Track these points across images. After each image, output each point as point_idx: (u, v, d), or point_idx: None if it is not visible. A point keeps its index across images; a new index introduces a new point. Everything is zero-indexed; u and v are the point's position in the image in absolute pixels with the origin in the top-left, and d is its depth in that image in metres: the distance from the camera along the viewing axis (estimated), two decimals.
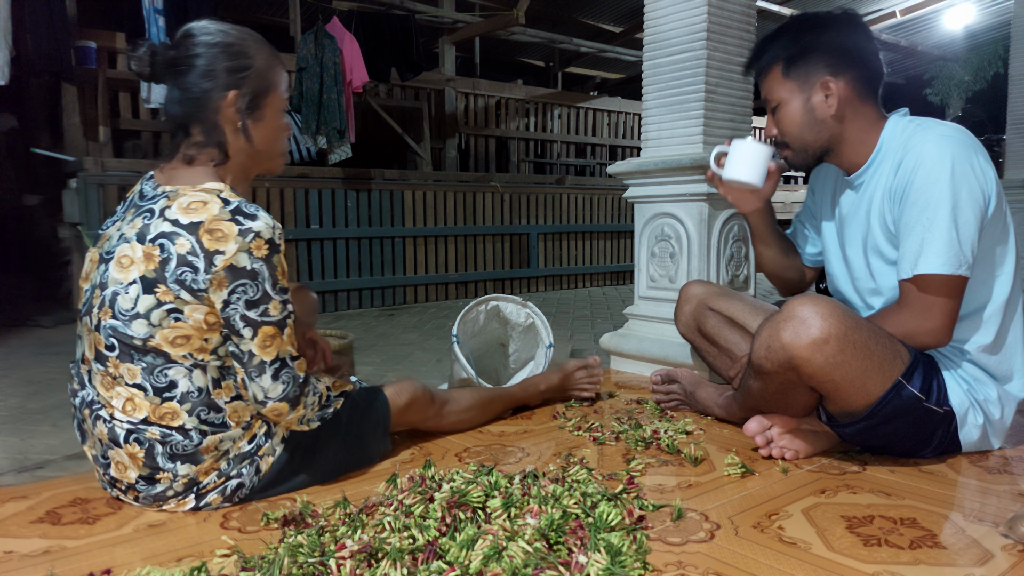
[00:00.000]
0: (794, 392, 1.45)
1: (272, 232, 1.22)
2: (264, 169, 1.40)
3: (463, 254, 5.32)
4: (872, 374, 1.34)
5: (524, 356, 2.30)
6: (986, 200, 1.37)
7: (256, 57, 1.30)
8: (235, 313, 1.20)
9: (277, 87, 1.35)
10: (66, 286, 4.48)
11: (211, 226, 1.18)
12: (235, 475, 1.27)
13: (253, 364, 1.23)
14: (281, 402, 1.26)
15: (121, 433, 1.21)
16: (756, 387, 1.50)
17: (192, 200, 1.21)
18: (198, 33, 1.27)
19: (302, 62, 4.42)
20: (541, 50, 8.70)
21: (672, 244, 2.35)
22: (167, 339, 1.19)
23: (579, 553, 1.00)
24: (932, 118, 1.49)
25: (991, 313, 1.44)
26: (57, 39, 4.22)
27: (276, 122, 1.36)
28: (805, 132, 1.52)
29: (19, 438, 1.84)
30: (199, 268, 1.17)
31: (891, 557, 1.06)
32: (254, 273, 1.20)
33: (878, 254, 1.51)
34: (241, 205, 1.22)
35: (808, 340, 1.31)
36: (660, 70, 2.36)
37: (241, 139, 1.31)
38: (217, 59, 1.26)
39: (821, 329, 1.31)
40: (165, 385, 1.20)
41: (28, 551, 1.13)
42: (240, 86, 1.28)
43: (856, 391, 1.35)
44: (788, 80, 1.52)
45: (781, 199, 8.23)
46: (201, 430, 1.22)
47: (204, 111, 1.27)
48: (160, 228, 1.20)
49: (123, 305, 1.19)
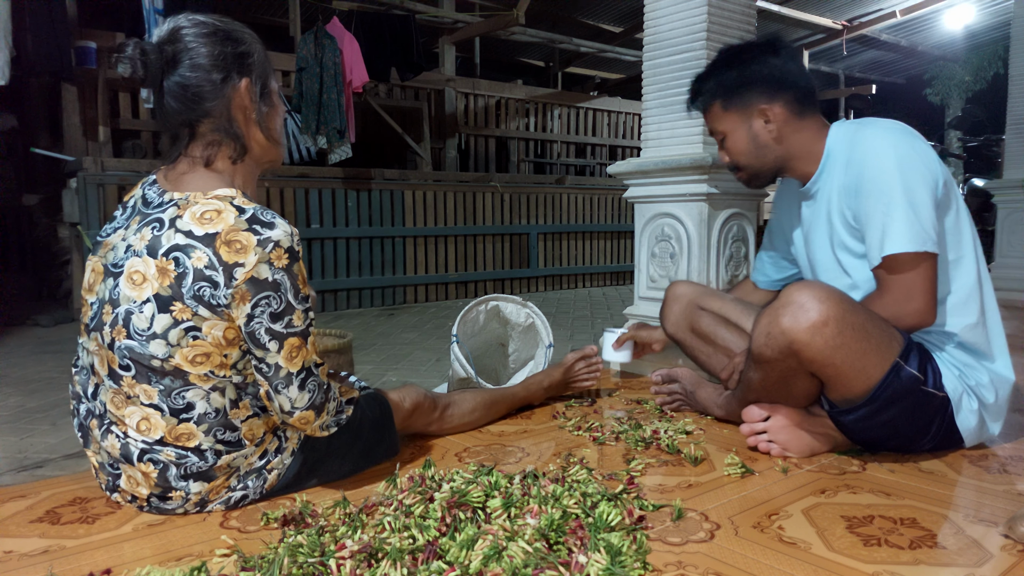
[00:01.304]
0: (795, 380, 1.45)
1: (291, 240, 1.17)
2: (270, 161, 1.34)
3: (463, 254, 5.32)
4: (871, 355, 1.36)
5: (524, 356, 2.30)
6: (935, 179, 1.42)
7: (252, 43, 1.26)
8: (260, 327, 1.15)
9: (273, 71, 1.31)
10: (65, 286, 4.49)
11: (228, 237, 1.13)
12: (241, 488, 1.26)
13: (280, 377, 1.18)
14: (308, 410, 1.22)
15: (135, 452, 1.18)
16: (757, 378, 1.51)
17: (205, 209, 1.15)
18: (189, 25, 1.20)
19: (302, 62, 4.42)
20: (541, 50, 8.69)
21: (672, 244, 2.35)
22: (187, 358, 1.15)
23: (579, 553, 1.00)
24: (871, 117, 1.57)
25: (969, 292, 1.48)
26: (57, 39, 4.22)
27: (280, 107, 1.33)
28: (752, 157, 1.64)
29: (18, 437, 1.84)
30: (219, 283, 1.12)
31: (891, 557, 1.06)
32: (276, 284, 1.15)
33: (845, 249, 1.55)
34: (257, 213, 1.16)
35: (807, 323, 1.33)
36: (660, 70, 2.36)
37: (257, 131, 1.26)
38: (221, 47, 1.20)
39: (820, 312, 1.33)
40: (183, 407, 1.17)
41: (27, 551, 1.12)
42: (251, 73, 1.23)
43: (856, 374, 1.37)
44: (728, 113, 1.63)
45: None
46: (216, 450, 1.20)
47: (215, 104, 1.21)
48: (174, 240, 1.14)
49: (139, 325, 1.14)
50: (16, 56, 3.85)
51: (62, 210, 4.22)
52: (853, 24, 8.48)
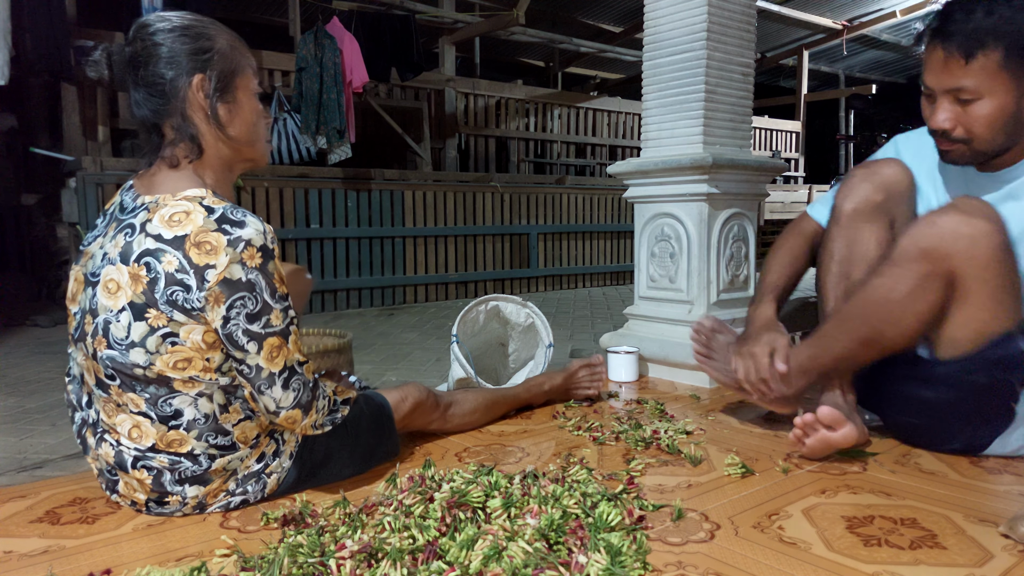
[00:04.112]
0: (921, 297, 1.33)
1: (263, 238, 1.14)
2: (248, 160, 1.30)
3: (463, 254, 5.32)
4: (1005, 299, 1.31)
5: (524, 356, 2.30)
6: None
7: (217, 38, 1.21)
8: (236, 329, 1.13)
9: (246, 68, 1.25)
10: (64, 286, 4.48)
11: (198, 239, 1.10)
12: (240, 492, 1.26)
13: (262, 378, 1.17)
14: (294, 409, 1.21)
15: (129, 459, 1.18)
16: (881, 285, 1.36)
17: (174, 211, 1.13)
18: (154, 22, 1.18)
19: (302, 62, 4.42)
20: (541, 50, 8.70)
21: (672, 244, 2.35)
22: (168, 364, 1.13)
23: (579, 553, 1.00)
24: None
25: None
26: (56, 39, 4.21)
27: (251, 104, 1.26)
28: (999, 133, 1.34)
29: (17, 438, 1.84)
30: (191, 286, 1.10)
31: (891, 557, 1.06)
32: (250, 284, 1.13)
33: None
34: (227, 212, 1.13)
35: (973, 229, 1.28)
36: (660, 70, 2.36)
37: (213, 128, 1.21)
38: (177, 43, 1.17)
39: (990, 219, 1.28)
40: (171, 414, 1.16)
41: (27, 551, 1.12)
42: (205, 69, 1.19)
43: (984, 311, 1.32)
44: (1003, 73, 1.29)
45: (780, 199, 8.22)
46: (210, 454, 1.19)
47: (172, 103, 1.18)
48: (144, 245, 1.12)
49: (117, 334, 1.13)
50: (15, 55, 3.85)
51: (61, 210, 4.22)
52: (853, 24, 8.49)
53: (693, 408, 1.96)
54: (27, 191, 5.13)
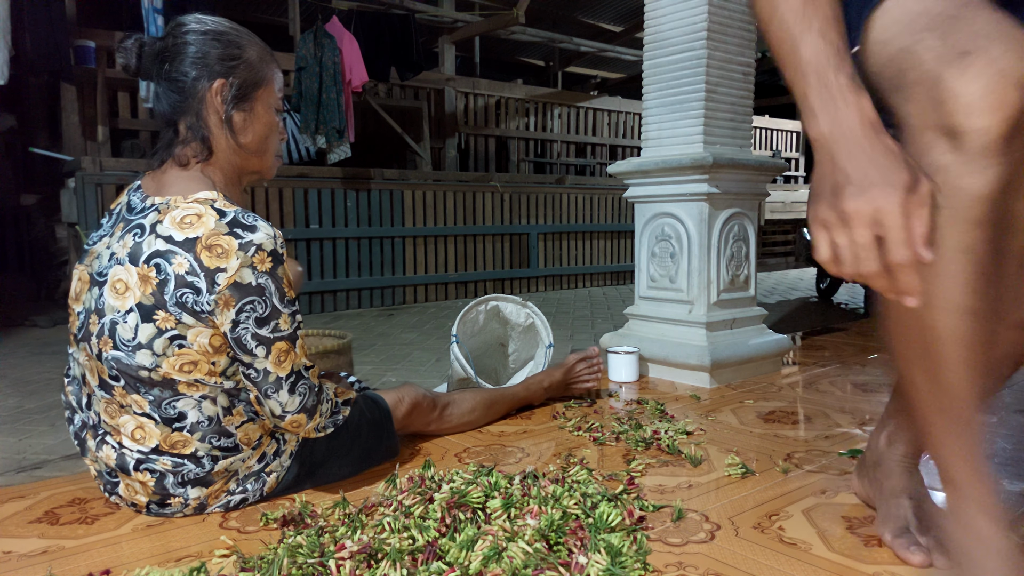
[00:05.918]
0: None
1: (274, 242, 1.15)
2: (255, 171, 1.32)
3: (463, 254, 5.32)
4: None
5: (524, 356, 2.30)
6: None
7: (248, 48, 1.24)
8: (245, 333, 1.13)
9: (270, 82, 1.28)
10: (63, 286, 4.48)
11: (209, 242, 1.11)
12: (240, 492, 1.26)
13: (269, 382, 1.17)
14: (299, 414, 1.21)
15: (131, 461, 1.18)
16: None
17: (186, 213, 1.14)
18: (190, 22, 1.22)
19: (301, 61, 4.41)
20: (541, 50, 8.70)
21: (672, 244, 2.35)
22: (174, 367, 1.13)
23: (579, 554, 1.00)
24: None
25: None
26: (56, 38, 4.22)
27: (267, 117, 1.28)
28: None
29: (17, 438, 1.83)
30: (201, 289, 1.11)
31: (891, 558, 1.06)
32: (260, 289, 1.13)
33: None
34: (238, 216, 1.14)
35: None
36: (660, 70, 2.35)
37: (225, 133, 1.23)
38: (206, 46, 1.20)
39: None
40: (174, 416, 1.16)
41: (27, 551, 1.12)
42: (228, 75, 1.21)
43: None
44: None
45: (780, 199, 8.21)
46: (213, 456, 1.19)
47: (190, 102, 1.20)
48: (154, 246, 1.12)
49: (124, 335, 1.13)
50: (15, 55, 3.84)
51: (60, 210, 4.21)
52: None
53: (693, 408, 1.96)
54: (26, 191, 5.13)
